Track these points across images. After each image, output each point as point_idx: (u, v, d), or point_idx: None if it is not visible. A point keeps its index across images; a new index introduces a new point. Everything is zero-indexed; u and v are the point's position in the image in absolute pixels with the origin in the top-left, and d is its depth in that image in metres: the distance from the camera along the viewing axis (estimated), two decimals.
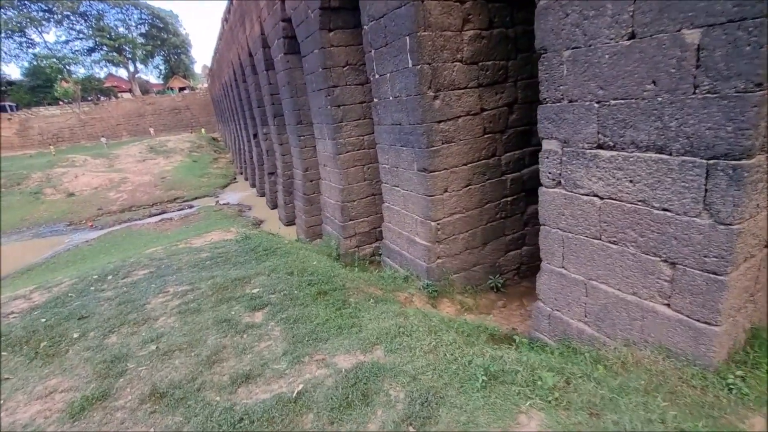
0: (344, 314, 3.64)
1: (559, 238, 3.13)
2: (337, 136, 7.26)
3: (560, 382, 2.01)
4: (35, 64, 48.41)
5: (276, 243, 7.11)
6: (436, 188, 4.82)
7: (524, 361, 2.28)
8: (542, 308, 3.43)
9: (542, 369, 2.19)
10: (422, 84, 4.43)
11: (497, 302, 5.49)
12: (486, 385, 2.11)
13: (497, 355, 2.42)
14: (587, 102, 2.65)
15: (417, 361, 2.48)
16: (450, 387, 2.16)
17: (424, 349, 2.63)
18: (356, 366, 2.54)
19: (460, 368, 2.33)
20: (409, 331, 2.94)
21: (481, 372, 2.19)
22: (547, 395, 1.95)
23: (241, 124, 20.18)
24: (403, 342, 2.77)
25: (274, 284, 4.70)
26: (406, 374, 2.34)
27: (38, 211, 20.24)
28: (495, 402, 1.98)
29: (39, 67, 48.00)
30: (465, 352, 2.52)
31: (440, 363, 2.42)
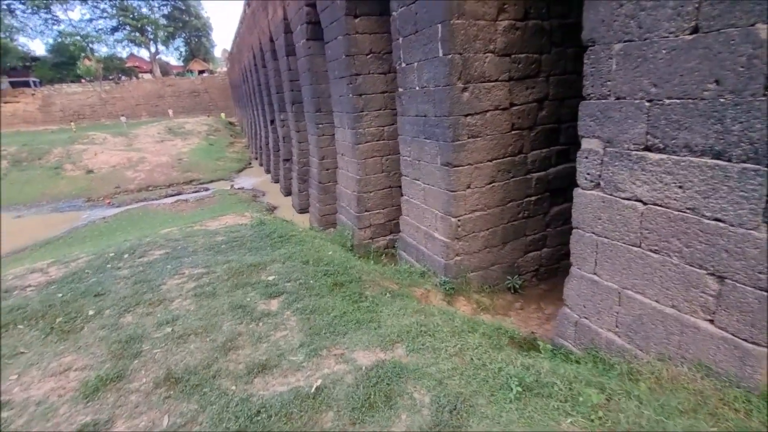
0: (362, 308, 3.55)
1: (592, 243, 2.98)
2: (357, 125, 7.14)
3: (602, 399, 1.89)
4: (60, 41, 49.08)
5: (290, 230, 7.05)
6: (459, 184, 4.67)
7: (561, 373, 2.15)
8: (569, 314, 3.29)
9: (580, 383, 2.07)
10: (452, 75, 4.26)
11: (514, 304, 5.36)
12: (520, 397, 1.99)
13: (528, 364, 2.30)
14: (637, 100, 2.48)
15: (442, 363, 2.38)
16: (479, 395, 2.05)
17: (449, 351, 2.52)
18: (377, 364, 2.45)
19: (489, 375, 2.21)
20: (432, 330, 2.83)
21: (515, 382, 2.07)
22: (590, 413, 1.83)
23: (258, 109, 20.16)
24: (426, 342, 2.67)
25: (289, 272, 4.64)
26: (431, 377, 2.24)
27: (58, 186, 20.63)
28: (532, 416, 1.86)
29: (63, 44, 48.64)
30: (493, 358, 2.40)
31: (467, 368, 2.31)
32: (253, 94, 21.74)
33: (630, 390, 2.02)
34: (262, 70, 16.34)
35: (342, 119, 7.67)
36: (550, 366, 2.28)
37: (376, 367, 2.40)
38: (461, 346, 2.58)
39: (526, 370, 2.20)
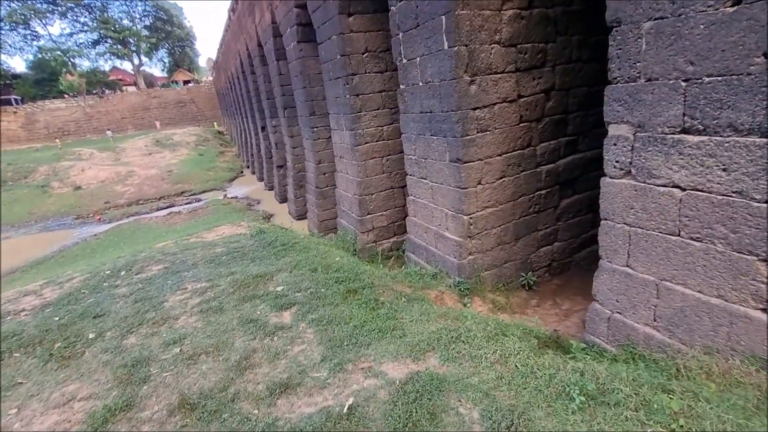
0: (380, 315, 3.37)
1: (624, 234, 2.84)
2: (356, 126, 6.96)
3: (682, 405, 1.72)
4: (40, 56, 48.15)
5: (292, 238, 6.85)
6: (470, 180, 4.52)
7: (623, 377, 1.99)
8: (600, 310, 3.14)
9: (646, 387, 1.91)
10: (458, 67, 4.11)
11: (530, 301, 5.21)
12: (584, 407, 1.83)
13: (581, 368, 2.14)
14: (671, 80, 2.34)
15: (484, 373, 2.21)
16: (535, 407, 1.88)
17: (488, 358, 2.35)
18: (411, 377, 2.26)
19: (541, 384, 2.05)
20: (464, 336, 2.66)
21: (576, 391, 1.91)
22: (669, 422, 1.67)
23: (248, 116, 19.89)
24: (461, 349, 2.49)
25: (298, 281, 4.44)
26: (476, 389, 2.06)
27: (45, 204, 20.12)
28: (602, 429, 1.70)
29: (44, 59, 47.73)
30: (540, 364, 2.24)
31: (514, 376, 2.14)
32: (241, 101, 21.46)
33: (698, 392, 1.87)
34: (250, 77, 16.09)
35: (339, 121, 7.49)
36: (608, 370, 2.12)
37: (411, 380, 2.22)
38: (501, 352, 2.41)
39: (581, 376, 2.04)
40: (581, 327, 4.62)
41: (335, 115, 7.61)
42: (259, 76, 14.13)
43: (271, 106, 13.55)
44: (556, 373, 2.12)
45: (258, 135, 17.78)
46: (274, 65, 11.44)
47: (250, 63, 15.50)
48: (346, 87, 6.76)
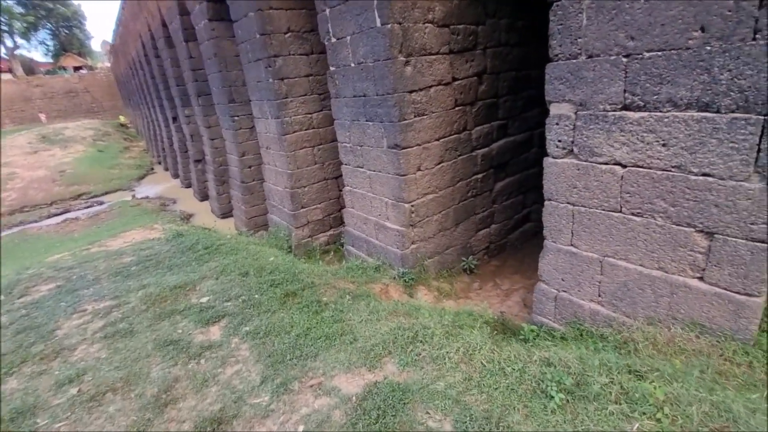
0: (325, 319, 3.05)
1: (568, 214, 2.84)
2: (282, 113, 6.42)
3: (664, 393, 1.66)
4: None
5: (217, 239, 6.18)
6: (409, 166, 4.34)
7: (592, 364, 1.91)
8: (546, 290, 3.15)
9: (618, 372, 1.85)
10: (392, 47, 3.86)
11: (472, 284, 5.25)
12: (565, 405, 1.72)
13: (548, 358, 2.04)
14: (613, 56, 2.32)
15: (449, 375, 2.02)
16: (511, 410, 1.74)
17: (452, 358, 2.17)
18: (368, 390, 2.00)
19: (513, 382, 1.91)
20: (422, 335, 2.46)
21: (553, 387, 1.79)
22: (656, 412, 1.61)
23: (155, 106, 17.80)
24: (421, 351, 2.28)
25: (226, 289, 3.92)
26: (443, 396, 1.87)
27: None
28: (589, 429, 1.59)
29: None
30: (506, 357, 2.11)
31: (483, 377, 1.98)
32: (146, 89, 19.13)
33: (663, 369, 1.86)
34: (155, 61, 14.30)
35: (263, 108, 6.86)
36: (576, 355, 2.04)
37: (369, 394, 1.96)
38: (464, 349, 2.25)
39: (552, 368, 1.94)
40: (522, 306, 4.74)
41: (258, 101, 6.96)
42: (165, 60, 12.59)
43: (182, 93, 12.17)
44: (525, 367, 2.01)
45: (169, 127, 16.00)
46: (182, 47, 10.21)
47: (153, 45, 13.75)
48: (269, 70, 6.17)
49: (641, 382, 1.72)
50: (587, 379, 1.81)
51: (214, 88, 8.89)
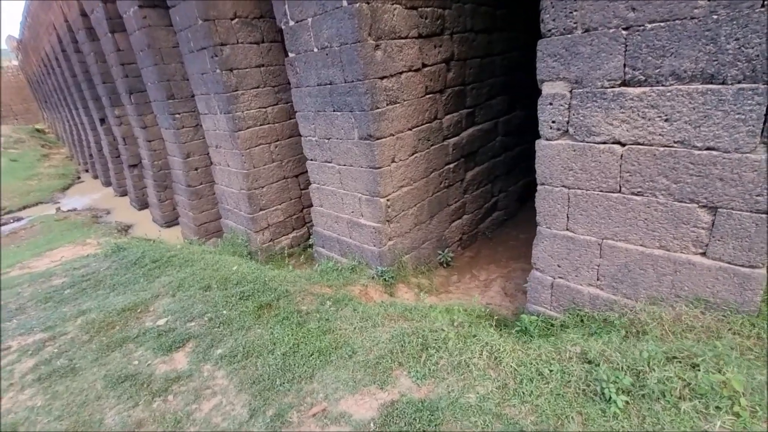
0: (312, 331, 2.71)
1: (563, 198, 2.74)
2: (233, 108, 5.87)
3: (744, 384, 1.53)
4: None
5: (166, 250, 5.54)
6: (384, 158, 4.08)
7: (639, 356, 1.76)
8: (541, 278, 3.05)
9: (669, 363, 1.72)
10: (361, 29, 3.56)
11: (450, 278, 5.12)
12: (628, 408, 1.55)
13: (584, 353, 1.88)
14: (612, 29, 2.21)
15: (479, 386, 1.79)
16: (567, 420, 1.55)
17: (477, 364, 1.95)
18: (386, 413, 1.73)
19: (558, 386, 1.72)
20: (433, 340, 2.21)
21: (611, 387, 1.61)
22: (731, 405, 1.49)
23: (79, 108, 15.94)
24: (437, 359, 2.04)
25: (187, 307, 3.43)
26: (479, 410, 1.64)
27: None
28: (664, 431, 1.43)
29: None
30: (537, 357, 1.92)
31: (519, 383, 1.78)
32: (66, 89, 17.09)
33: (703, 352, 1.77)
34: (75, 57, 12.73)
35: (210, 103, 6.24)
36: (615, 347, 1.90)
37: (390, 417, 1.68)
38: (487, 352, 2.04)
39: (595, 365, 1.78)
40: (504, 295, 4.68)
41: (204, 96, 6.32)
42: (87, 55, 11.22)
43: (110, 92, 10.92)
44: (564, 367, 1.85)
45: (97, 130, 14.40)
46: (108, 39, 9.12)
47: (73, 39, 12.21)
48: (215, 60, 5.60)
49: (706, 374, 1.61)
50: (641, 374, 1.68)
51: (149, 84, 8.01)
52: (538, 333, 2.81)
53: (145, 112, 9.42)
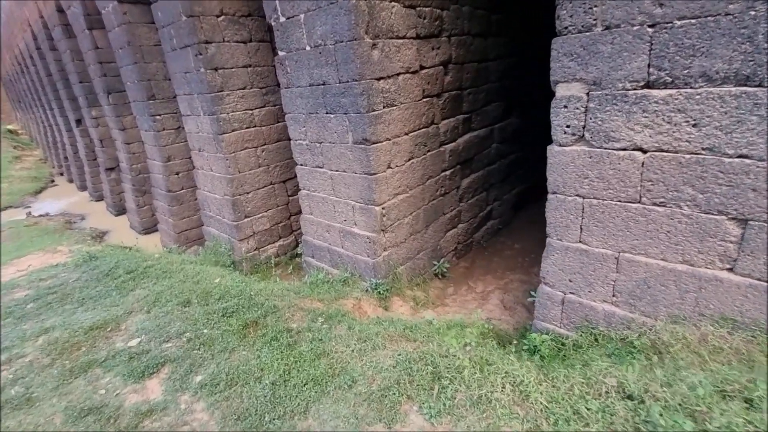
0: (305, 354, 2.44)
1: (577, 208, 2.56)
2: (218, 109, 5.57)
3: None
4: None
5: (142, 260, 5.18)
6: (379, 164, 3.85)
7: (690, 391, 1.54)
8: (551, 294, 2.85)
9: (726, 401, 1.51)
10: (358, 26, 3.35)
11: (446, 290, 4.90)
12: None
13: (622, 386, 1.66)
14: (636, 26, 2.05)
15: (505, 426, 1.56)
16: None
17: (500, 400, 1.71)
18: None
19: (603, 430, 1.49)
20: (445, 367, 1.97)
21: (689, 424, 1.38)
22: None
23: (54, 108, 15.27)
24: (451, 392, 1.80)
25: (163, 325, 3.10)
26: None
27: None
28: None
29: None
30: (569, 391, 1.70)
31: (555, 425, 1.55)
32: (40, 88, 16.38)
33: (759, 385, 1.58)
34: (51, 55, 12.18)
35: (193, 104, 5.92)
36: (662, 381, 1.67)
37: None
38: (510, 384, 1.80)
39: (639, 405, 1.55)
40: (503, 308, 4.48)
41: (187, 96, 6.00)
42: (63, 53, 10.72)
43: (87, 91, 10.42)
44: (605, 405, 1.62)
45: (72, 131, 13.78)
46: (85, 36, 8.70)
47: (48, 36, 11.69)
48: (200, 58, 5.30)
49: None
50: (698, 415, 1.46)
51: (128, 83, 7.62)
52: (549, 353, 2.60)
53: (123, 113, 9.00)
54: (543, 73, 2.65)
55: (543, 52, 2.85)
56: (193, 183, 7.98)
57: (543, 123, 2.82)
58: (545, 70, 2.49)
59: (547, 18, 2.67)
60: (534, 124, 6.71)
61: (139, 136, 8.79)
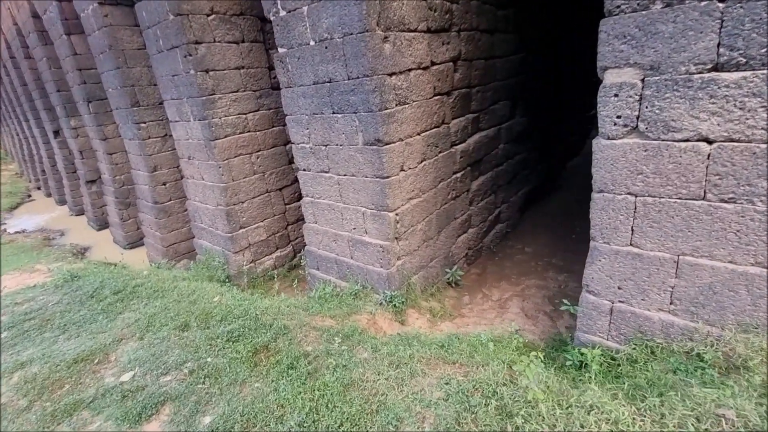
0: (331, 386, 2.11)
1: (628, 207, 2.31)
2: (209, 114, 5.22)
3: None
4: None
5: (130, 278, 4.78)
6: (393, 166, 3.56)
7: None
8: (596, 303, 2.59)
9: None
10: (369, 16, 3.08)
11: (462, 299, 4.62)
12: None
13: (747, 420, 1.39)
14: (703, 2, 1.82)
15: None
16: None
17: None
18: None
19: None
20: (512, 401, 1.66)
21: None
22: None
23: (30, 119, 14.59)
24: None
25: (160, 354, 2.73)
26: None
27: None
28: None
29: None
30: (684, 428, 1.42)
31: None
32: (15, 99, 15.66)
33: None
34: (25, 63, 11.59)
35: (182, 109, 5.55)
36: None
37: None
38: (607, 424, 1.49)
39: None
40: (525, 317, 4.21)
41: (175, 101, 5.62)
42: (39, 60, 10.18)
43: (65, 100, 9.89)
44: None
45: (50, 143, 13.15)
46: (63, 42, 8.23)
47: (22, 43, 11.12)
48: (189, 60, 4.95)
49: None
50: None
51: (110, 90, 7.19)
52: (599, 370, 2.33)
53: (105, 122, 8.52)
54: (550, 71, 2.40)
55: (551, 50, 2.62)
56: (181, 193, 7.57)
57: (546, 122, 2.62)
58: (552, 68, 2.25)
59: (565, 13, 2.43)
60: (537, 124, 6.55)
61: (122, 145, 8.33)
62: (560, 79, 7.37)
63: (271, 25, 5.81)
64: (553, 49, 6.65)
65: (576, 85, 7.50)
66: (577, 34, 6.84)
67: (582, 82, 7.32)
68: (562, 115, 7.91)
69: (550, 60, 6.66)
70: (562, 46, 7.00)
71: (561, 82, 7.44)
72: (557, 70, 7.06)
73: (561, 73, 7.23)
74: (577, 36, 6.89)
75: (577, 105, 8.30)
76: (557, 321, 4.13)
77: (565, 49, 7.14)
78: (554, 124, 7.42)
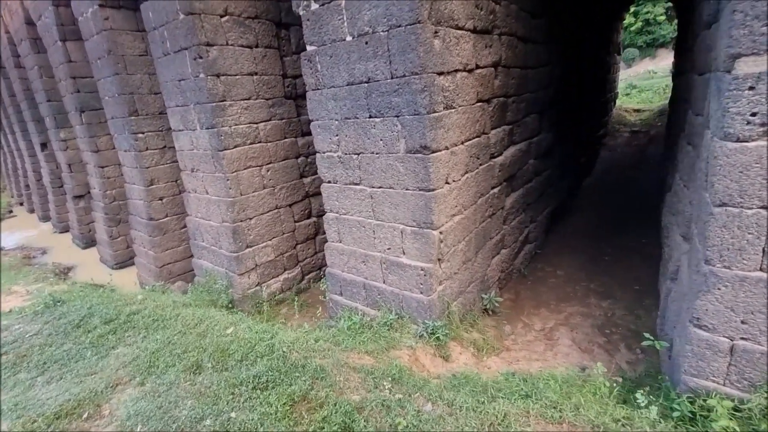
0: None
1: (760, 224, 1.89)
2: (219, 122, 4.77)
3: None
4: None
5: (123, 303, 4.20)
6: (438, 177, 3.13)
7: None
8: (711, 340, 2.14)
9: None
10: (422, 6, 2.70)
11: (503, 329, 4.14)
12: None
13: None
14: None
15: None
16: None
17: None
18: None
19: None
20: None
21: None
22: None
23: (16, 131, 13.94)
24: None
25: (168, 407, 2.17)
26: None
27: None
28: None
29: None
30: None
31: None
32: (1, 111, 15.01)
33: None
34: (14, 73, 11.07)
35: (188, 116, 5.09)
36: None
37: None
38: None
39: None
40: (579, 351, 3.73)
41: (180, 108, 5.17)
42: (30, 69, 9.68)
43: (55, 111, 9.34)
44: None
45: (37, 156, 12.49)
46: (57, 49, 7.77)
47: (14, 52, 10.62)
48: (199, 63, 4.54)
49: None
50: None
51: (107, 98, 6.71)
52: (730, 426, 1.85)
53: (98, 133, 8.00)
54: (571, 85, 2.02)
55: (572, 63, 2.26)
56: (179, 209, 7.02)
57: (567, 139, 2.27)
58: (574, 82, 1.86)
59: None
60: (559, 140, 6.25)
61: (115, 158, 7.81)
62: (580, 95, 7.15)
63: (287, 31, 5.50)
64: (574, 62, 6.45)
65: (585, 104, 7.30)
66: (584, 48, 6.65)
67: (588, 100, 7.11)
68: (579, 133, 7.67)
69: (573, 74, 6.44)
70: (580, 61, 6.82)
71: (581, 99, 7.22)
72: (579, 84, 6.85)
73: (581, 89, 7.02)
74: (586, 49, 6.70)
75: (589, 123, 8.10)
76: (614, 355, 3.67)
77: (583, 64, 6.95)
78: (574, 141, 7.15)
